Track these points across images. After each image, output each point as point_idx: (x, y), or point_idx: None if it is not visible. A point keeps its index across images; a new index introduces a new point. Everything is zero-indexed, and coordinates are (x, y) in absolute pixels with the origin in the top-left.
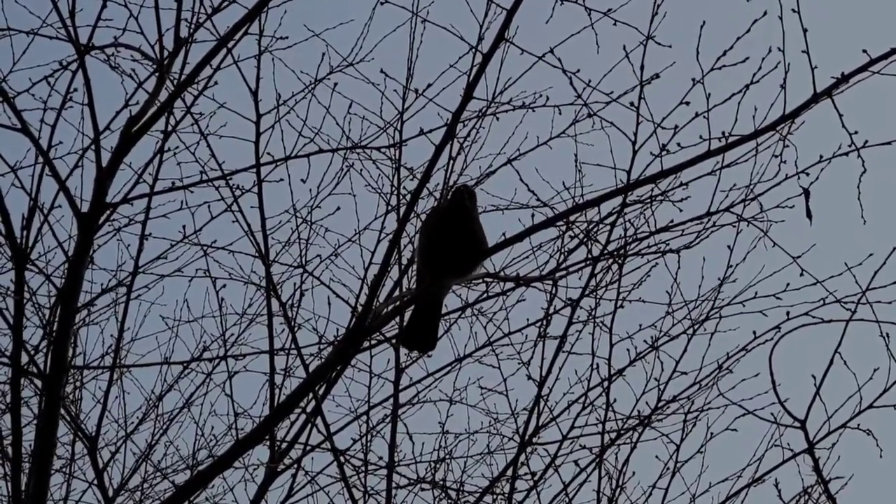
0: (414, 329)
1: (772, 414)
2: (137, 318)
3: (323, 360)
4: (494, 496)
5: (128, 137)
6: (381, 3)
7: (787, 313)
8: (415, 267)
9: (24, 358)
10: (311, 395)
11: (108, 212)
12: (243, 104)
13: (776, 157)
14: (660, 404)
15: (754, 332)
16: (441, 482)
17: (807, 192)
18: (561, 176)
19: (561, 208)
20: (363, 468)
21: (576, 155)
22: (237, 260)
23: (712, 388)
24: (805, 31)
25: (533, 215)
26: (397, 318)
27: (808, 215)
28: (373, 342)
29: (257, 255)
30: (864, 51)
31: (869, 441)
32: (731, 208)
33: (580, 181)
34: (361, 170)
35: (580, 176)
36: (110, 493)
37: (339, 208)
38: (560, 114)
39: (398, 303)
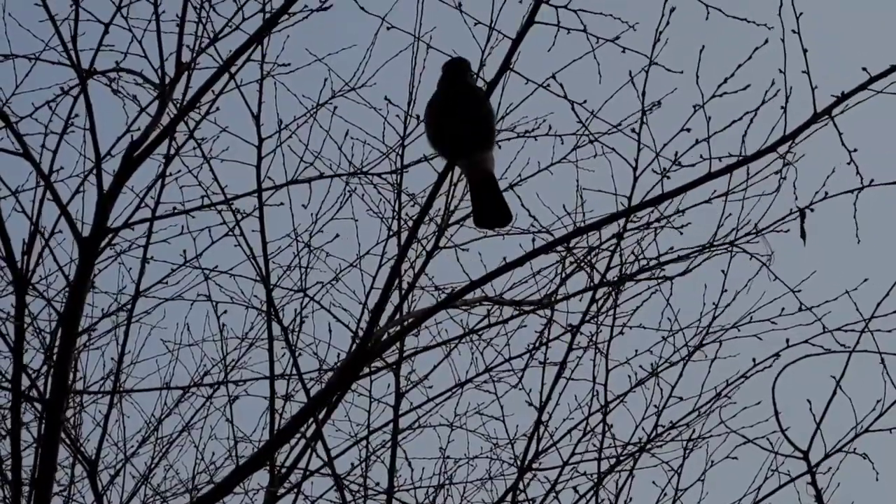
0: (483, 209)
1: (768, 439)
2: (138, 342)
3: (324, 384)
4: None
5: (129, 162)
6: (387, 29)
7: (787, 341)
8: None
9: (25, 382)
10: (311, 419)
11: (109, 236)
12: (245, 128)
13: (776, 173)
14: (659, 431)
15: (754, 360)
16: None
17: (802, 213)
18: (562, 201)
19: (561, 234)
20: (363, 493)
21: (577, 181)
22: (238, 283)
23: (712, 415)
24: (805, 51)
25: (534, 240)
26: (398, 344)
27: (802, 235)
28: (373, 368)
29: (258, 278)
30: (864, 69)
31: (865, 465)
32: (735, 242)
33: (581, 206)
34: (363, 194)
35: (581, 201)
36: None
37: (337, 236)
38: (563, 143)
39: (398, 327)
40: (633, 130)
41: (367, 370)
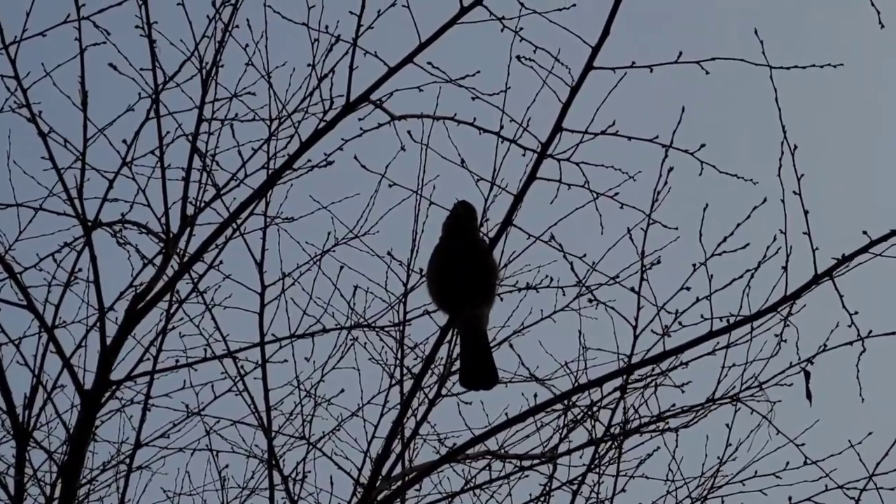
0: (470, 368)
1: None
2: (138, 490)
3: None
4: None
5: (132, 315)
6: (389, 186)
7: (790, 499)
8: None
9: None
10: None
11: (111, 389)
12: (248, 274)
13: (776, 336)
14: None
15: None
16: None
17: (807, 374)
18: (564, 347)
19: (563, 382)
20: None
21: (580, 330)
22: (239, 431)
23: None
24: (806, 212)
25: (536, 395)
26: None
27: (808, 396)
28: None
29: (259, 427)
30: (865, 232)
31: None
32: (736, 397)
33: (583, 355)
34: (365, 343)
35: (583, 350)
36: None
37: (343, 391)
38: (564, 295)
39: (399, 483)
40: (632, 290)
41: None
